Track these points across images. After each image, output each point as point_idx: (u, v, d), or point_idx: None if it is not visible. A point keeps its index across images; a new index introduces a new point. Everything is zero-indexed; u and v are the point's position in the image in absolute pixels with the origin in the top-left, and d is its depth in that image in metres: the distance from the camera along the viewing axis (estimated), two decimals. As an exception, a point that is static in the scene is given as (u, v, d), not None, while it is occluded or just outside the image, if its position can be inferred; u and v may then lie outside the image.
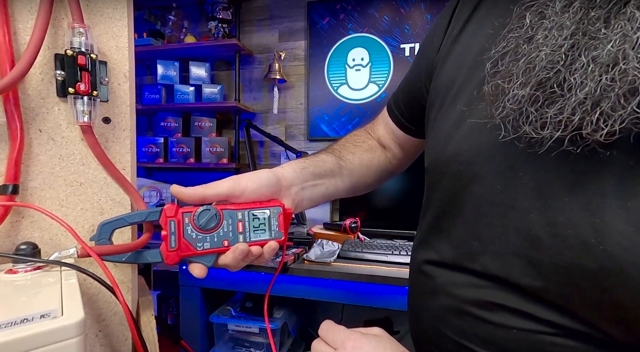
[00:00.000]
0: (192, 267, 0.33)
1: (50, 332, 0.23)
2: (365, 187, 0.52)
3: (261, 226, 0.35)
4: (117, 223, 0.32)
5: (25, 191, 0.39)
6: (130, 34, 0.44)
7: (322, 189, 0.44)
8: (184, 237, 0.31)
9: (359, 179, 0.49)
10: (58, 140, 0.40)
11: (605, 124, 0.21)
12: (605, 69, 0.21)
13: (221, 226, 0.33)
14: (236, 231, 0.33)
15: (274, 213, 0.36)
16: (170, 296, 1.64)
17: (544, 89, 0.23)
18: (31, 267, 0.34)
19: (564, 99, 0.22)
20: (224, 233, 0.33)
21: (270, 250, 0.36)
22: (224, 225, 0.33)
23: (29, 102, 0.38)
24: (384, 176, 0.54)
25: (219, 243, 0.32)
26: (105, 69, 0.41)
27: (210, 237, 0.32)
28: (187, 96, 1.85)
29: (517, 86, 0.25)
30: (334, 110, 1.79)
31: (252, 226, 0.34)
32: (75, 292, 0.29)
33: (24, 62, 0.35)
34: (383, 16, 1.71)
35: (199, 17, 1.97)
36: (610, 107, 0.21)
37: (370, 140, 0.55)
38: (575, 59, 0.22)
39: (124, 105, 0.44)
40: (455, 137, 0.34)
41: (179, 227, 0.31)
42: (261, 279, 1.16)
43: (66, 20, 0.39)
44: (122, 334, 0.43)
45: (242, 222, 0.34)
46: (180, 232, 0.31)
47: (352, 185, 0.48)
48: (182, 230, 0.31)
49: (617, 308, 0.24)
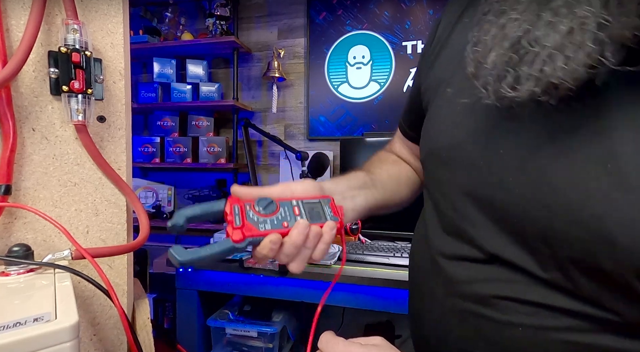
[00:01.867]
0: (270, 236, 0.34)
1: (43, 336, 0.23)
2: (400, 200, 0.51)
3: (315, 210, 0.37)
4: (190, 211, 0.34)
5: (18, 192, 0.38)
6: (126, 31, 0.44)
7: (361, 200, 0.44)
8: (246, 219, 0.34)
9: (392, 192, 0.49)
10: (52, 139, 0.39)
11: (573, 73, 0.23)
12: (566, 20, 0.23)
13: (279, 211, 0.35)
14: (293, 214, 0.35)
15: (325, 202, 0.38)
16: (166, 299, 1.64)
17: (517, 48, 0.26)
18: (24, 270, 0.33)
19: (535, 54, 0.25)
20: (282, 217, 0.35)
21: (329, 229, 0.36)
22: (281, 210, 0.35)
23: (22, 100, 0.38)
24: (416, 188, 0.54)
25: (279, 225, 0.34)
26: (100, 67, 0.41)
27: (270, 220, 0.34)
28: (184, 95, 1.83)
29: (493, 51, 0.27)
30: (334, 109, 1.79)
31: (307, 210, 0.36)
32: (69, 295, 0.29)
33: (17, 59, 0.35)
34: (383, 12, 1.70)
35: (196, 13, 1.96)
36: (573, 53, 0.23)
37: (391, 156, 0.57)
38: (541, 18, 0.25)
39: (119, 103, 0.43)
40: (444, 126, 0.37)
41: (242, 211, 0.34)
42: (259, 281, 1.15)
43: (60, 16, 0.39)
44: (117, 338, 0.43)
45: (298, 207, 0.36)
46: (243, 215, 0.34)
47: (387, 198, 0.48)
48: (245, 213, 0.34)
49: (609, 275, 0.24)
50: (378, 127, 1.75)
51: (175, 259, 0.30)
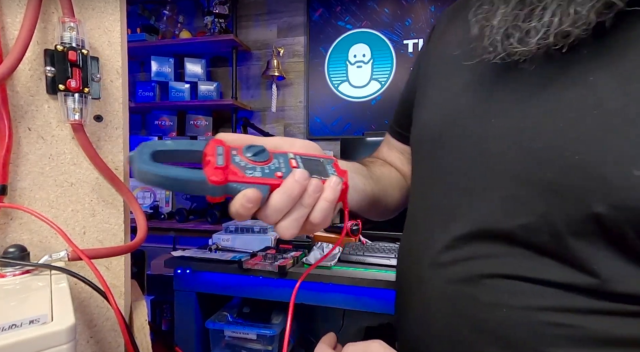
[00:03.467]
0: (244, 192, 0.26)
1: (39, 338, 0.23)
2: (392, 201, 0.49)
3: (316, 167, 0.30)
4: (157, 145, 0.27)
5: (14, 192, 0.37)
6: (123, 29, 0.43)
7: (361, 184, 0.41)
8: (231, 162, 0.27)
9: (385, 189, 0.47)
10: (48, 139, 0.39)
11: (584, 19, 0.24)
12: None
13: (272, 161, 0.29)
14: (289, 166, 0.29)
15: (328, 161, 0.32)
16: (164, 301, 1.63)
17: (523, 5, 0.27)
18: (20, 271, 0.33)
19: (543, 6, 0.26)
20: (275, 167, 0.28)
21: (333, 185, 0.29)
22: (275, 161, 0.29)
23: (18, 99, 0.37)
24: (405, 193, 0.52)
25: (270, 175, 0.27)
26: (97, 65, 0.40)
27: (260, 168, 0.28)
28: (182, 94, 1.83)
29: (499, 11, 0.28)
30: (334, 109, 1.78)
31: (306, 166, 0.29)
32: (65, 296, 0.28)
33: (13, 57, 0.34)
34: (383, 9, 1.70)
35: (194, 11, 1.95)
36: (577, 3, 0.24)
37: (379, 160, 0.55)
38: None
39: (116, 102, 0.43)
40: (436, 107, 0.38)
41: (227, 153, 0.27)
42: (259, 283, 1.15)
43: (56, 14, 0.38)
44: (115, 340, 0.43)
45: (295, 160, 0.30)
46: (228, 157, 0.27)
47: (381, 193, 0.46)
48: (230, 157, 0.27)
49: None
50: (377, 127, 1.74)
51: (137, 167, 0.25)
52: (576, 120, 0.26)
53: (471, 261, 0.31)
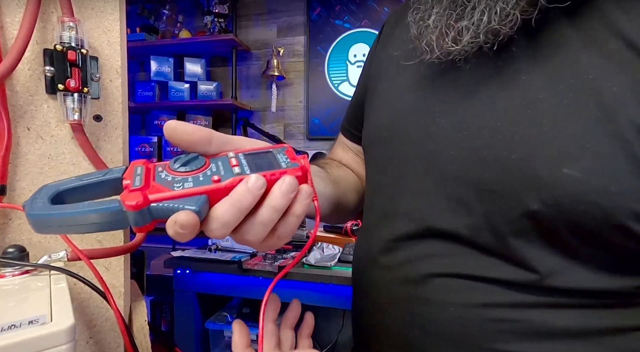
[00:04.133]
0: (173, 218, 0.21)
1: (38, 338, 0.23)
2: (351, 204, 0.48)
3: (264, 160, 0.25)
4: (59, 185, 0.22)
5: (13, 192, 0.37)
6: (123, 29, 0.43)
7: (321, 187, 0.40)
8: (154, 180, 0.22)
9: (344, 192, 0.45)
10: (47, 139, 0.39)
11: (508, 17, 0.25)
12: None
13: (209, 167, 0.24)
14: (229, 166, 0.24)
15: (279, 150, 0.26)
16: (164, 301, 1.63)
17: (455, 5, 0.28)
18: (19, 271, 0.33)
19: (472, 6, 0.27)
20: (212, 172, 0.23)
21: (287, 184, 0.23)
22: (212, 166, 0.24)
23: (17, 99, 0.37)
24: (362, 194, 0.50)
25: (206, 181, 0.22)
26: (96, 65, 0.40)
27: (192, 178, 0.23)
28: (181, 93, 1.83)
29: (433, 10, 0.29)
30: (334, 108, 1.78)
31: (249, 162, 0.24)
32: (65, 297, 0.28)
33: (12, 57, 0.34)
34: (383, 8, 1.69)
35: (194, 11, 1.95)
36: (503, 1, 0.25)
37: (334, 162, 0.53)
38: None
39: (115, 102, 0.43)
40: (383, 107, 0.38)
41: (147, 172, 0.23)
42: (258, 283, 1.15)
43: (55, 13, 0.38)
44: (114, 340, 0.43)
45: (236, 158, 0.24)
46: (148, 176, 0.23)
47: (341, 195, 0.44)
48: (154, 174, 0.23)
49: None
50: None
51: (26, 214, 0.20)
52: (510, 120, 0.27)
53: (420, 260, 0.32)
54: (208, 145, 0.25)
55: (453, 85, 0.32)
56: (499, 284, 0.28)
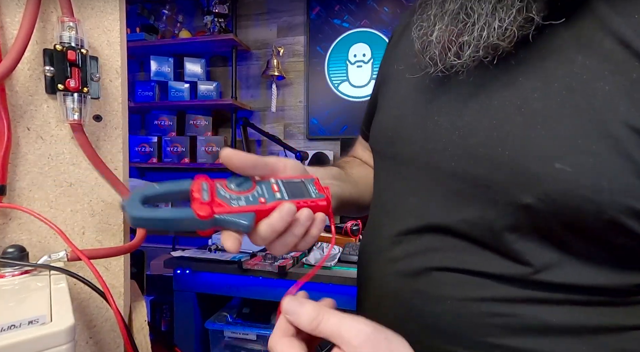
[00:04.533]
0: (225, 237, 0.29)
1: (38, 338, 0.23)
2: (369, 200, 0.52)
3: (298, 188, 0.33)
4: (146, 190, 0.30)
5: (13, 192, 0.37)
6: (123, 29, 0.43)
7: (337, 188, 0.45)
8: (217, 196, 0.30)
9: (363, 190, 0.50)
10: (47, 139, 0.39)
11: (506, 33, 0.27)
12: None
13: (255, 188, 0.32)
14: (272, 191, 0.32)
15: (309, 181, 0.35)
16: (164, 301, 1.63)
17: (457, 21, 0.29)
18: (19, 271, 0.33)
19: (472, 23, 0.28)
20: (259, 194, 0.31)
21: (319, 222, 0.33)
22: (257, 188, 0.32)
23: (17, 99, 0.37)
24: None
25: (255, 201, 0.31)
26: (96, 65, 0.40)
27: (244, 197, 0.31)
28: (181, 93, 1.83)
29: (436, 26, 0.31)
30: (334, 108, 1.78)
31: (287, 188, 0.33)
32: (64, 297, 0.28)
33: (11, 57, 0.34)
34: (383, 8, 1.69)
35: (194, 11, 1.95)
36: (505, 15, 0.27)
37: (356, 160, 0.59)
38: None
39: (115, 102, 0.43)
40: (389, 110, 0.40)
41: (211, 188, 0.30)
42: (258, 283, 1.15)
43: (55, 13, 0.38)
44: (114, 340, 0.43)
45: (277, 185, 0.33)
46: (213, 192, 0.30)
47: (359, 195, 0.49)
48: (215, 191, 0.30)
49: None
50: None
51: (128, 214, 0.27)
52: (505, 119, 0.29)
53: (420, 254, 0.33)
54: (253, 168, 0.32)
55: (454, 92, 0.33)
56: (494, 278, 0.29)
